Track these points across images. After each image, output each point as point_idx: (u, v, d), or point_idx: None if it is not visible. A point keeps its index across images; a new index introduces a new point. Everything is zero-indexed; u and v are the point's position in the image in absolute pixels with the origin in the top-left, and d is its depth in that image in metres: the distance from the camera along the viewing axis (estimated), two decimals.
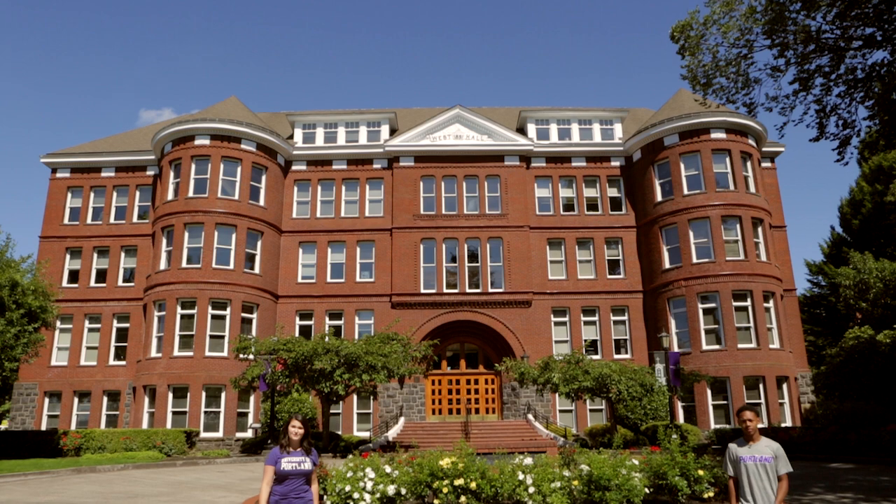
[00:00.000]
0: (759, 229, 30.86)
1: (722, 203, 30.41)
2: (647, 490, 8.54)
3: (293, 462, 5.35)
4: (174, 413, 27.81)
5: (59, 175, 33.73)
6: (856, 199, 40.48)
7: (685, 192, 31.17)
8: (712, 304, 29.75)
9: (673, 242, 31.23)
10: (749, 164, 31.70)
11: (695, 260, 30.29)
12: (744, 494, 5.72)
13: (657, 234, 31.82)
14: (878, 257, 32.05)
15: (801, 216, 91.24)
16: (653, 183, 32.44)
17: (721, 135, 31.37)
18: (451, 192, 33.61)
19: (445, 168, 33.80)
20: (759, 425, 27.89)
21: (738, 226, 30.42)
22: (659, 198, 32.08)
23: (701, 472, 8.86)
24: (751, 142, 32.06)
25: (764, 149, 33.36)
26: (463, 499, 7.60)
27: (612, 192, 34.22)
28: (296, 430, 5.44)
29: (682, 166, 31.60)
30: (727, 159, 31.26)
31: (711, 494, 8.84)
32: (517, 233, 32.76)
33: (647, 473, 8.87)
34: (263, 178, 32.23)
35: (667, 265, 31.17)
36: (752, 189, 31.29)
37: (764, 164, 33.68)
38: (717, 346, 29.20)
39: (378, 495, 8.16)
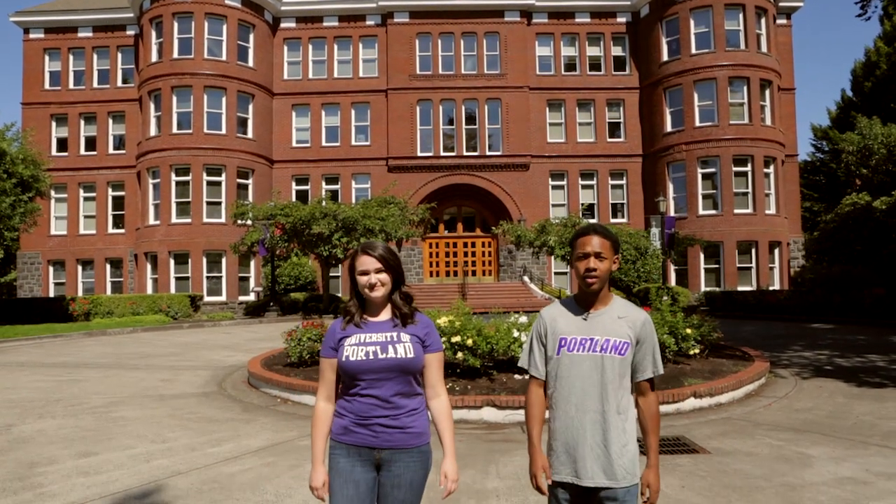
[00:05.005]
0: (767, 92, 29.82)
1: (731, 63, 29.11)
2: None
3: (370, 345, 2.41)
4: (177, 279, 28.43)
5: (32, 36, 31.89)
6: (871, 61, 38.76)
7: (693, 51, 29.75)
8: (712, 169, 29.45)
9: (676, 105, 30.29)
10: (763, 20, 29.96)
11: (697, 123, 29.55)
12: (552, 431, 2.42)
13: (661, 96, 30.79)
14: (886, 122, 31.24)
15: (813, 78, 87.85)
16: (659, 41, 30.86)
17: None
18: (449, 51, 32.05)
19: (442, 24, 31.97)
20: (746, 287, 29.24)
21: (745, 88, 29.33)
22: (665, 57, 30.67)
23: (689, 331, 9.22)
24: None
25: (781, 3, 31.39)
26: (460, 355, 7.86)
27: (617, 51, 32.66)
28: (370, 276, 2.43)
29: (691, 23, 29.89)
30: (741, 15, 29.49)
31: (697, 351, 9.35)
32: (516, 94, 31.68)
33: None
34: (251, 36, 30.56)
35: (668, 129, 30.47)
36: (764, 49, 29.82)
37: (779, 21, 31.86)
38: (713, 211, 29.30)
39: None
